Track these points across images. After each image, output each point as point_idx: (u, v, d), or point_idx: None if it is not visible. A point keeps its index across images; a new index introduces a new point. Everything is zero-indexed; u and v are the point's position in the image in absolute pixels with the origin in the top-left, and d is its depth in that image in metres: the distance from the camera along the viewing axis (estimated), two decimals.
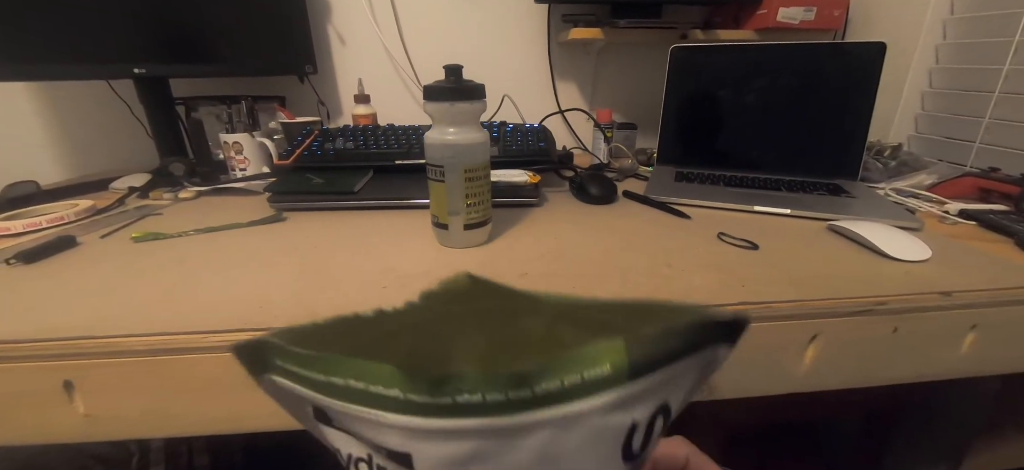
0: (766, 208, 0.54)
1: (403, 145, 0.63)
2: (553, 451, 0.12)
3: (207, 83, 0.82)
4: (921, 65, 0.92)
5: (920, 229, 0.48)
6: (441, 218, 0.42)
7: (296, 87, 0.88)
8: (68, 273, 0.40)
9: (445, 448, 0.12)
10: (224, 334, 0.31)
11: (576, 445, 0.12)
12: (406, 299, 0.17)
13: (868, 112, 0.64)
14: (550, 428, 0.12)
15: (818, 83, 0.67)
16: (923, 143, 0.90)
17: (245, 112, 0.71)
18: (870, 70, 0.63)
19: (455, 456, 0.12)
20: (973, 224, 0.52)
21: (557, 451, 0.12)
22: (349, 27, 0.88)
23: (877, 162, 0.71)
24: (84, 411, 0.31)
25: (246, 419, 0.32)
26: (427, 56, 0.90)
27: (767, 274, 0.38)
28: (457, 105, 0.38)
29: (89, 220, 0.54)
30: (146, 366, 0.30)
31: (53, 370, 0.30)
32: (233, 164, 0.71)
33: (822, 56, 0.66)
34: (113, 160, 0.87)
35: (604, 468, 0.13)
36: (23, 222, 0.50)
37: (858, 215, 0.50)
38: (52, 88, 0.84)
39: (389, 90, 0.92)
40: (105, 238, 0.48)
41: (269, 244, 0.46)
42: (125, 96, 0.81)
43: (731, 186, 0.63)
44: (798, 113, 0.69)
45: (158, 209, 0.58)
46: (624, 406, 0.13)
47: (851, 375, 0.36)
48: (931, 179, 0.64)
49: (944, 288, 0.35)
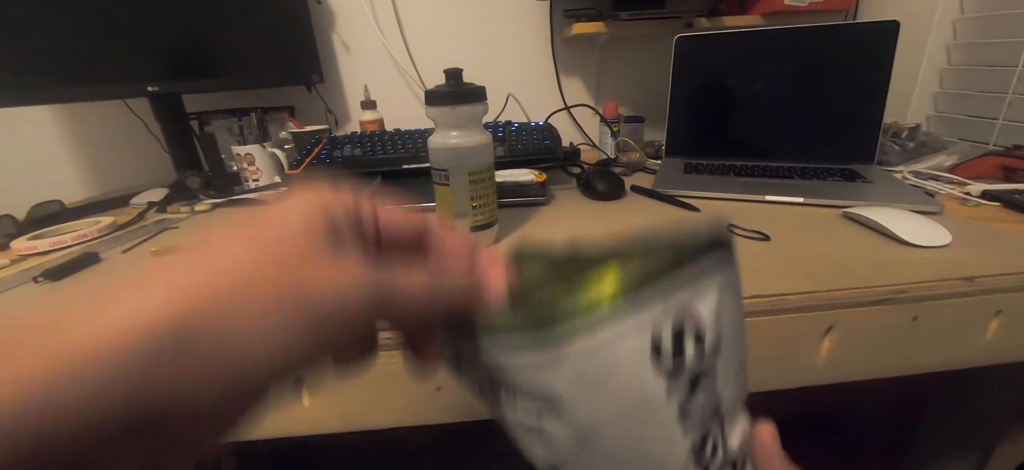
0: (778, 197, 0.53)
1: (409, 150, 0.64)
2: (587, 368, 0.16)
3: (218, 97, 0.84)
4: (938, 41, 0.88)
5: (940, 213, 0.47)
6: (447, 221, 0.42)
7: (304, 96, 0.89)
8: (93, 288, 0.41)
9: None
10: None
11: (605, 360, 0.15)
12: None
13: (883, 93, 0.62)
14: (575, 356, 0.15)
15: (829, 66, 0.65)
16: (942, 122, 0.87)
17: (255, 124, 0.73)
18: (883, 50, 0.61)
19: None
20: (997, 205, 0.50)
21: (591, 367, 0.15)
22: (353, 35, 0.89)
23: (894, 144, 0.69)
24: None
25: (265, 425, 0.33)
26: (431, 60, 0.91)
27: (780, 265, 0.37)
28: (458, 108, 0.38)
29: (111, 236, 0.56)
30: None
31: None
32: (246, 175, 0.72)
33: (832, 38, 0.64)
34: (133, 176, 0.90)
35: (641, 378, 0.15)
36: (49, 240, 0.52)
37: (874, 201, 0.49)
38: (74, 110, 0.87)
39: (395, 95, 0.92)
40: (126, 253, 0.49)
41: None
42: (141, 114, 0.84)
43: (742, 176, 0.62)
44: (809, 98, 0.67)
45: (175, 223, 0.60)
46: (633, 324, 0.15)
47: (870, 366, 0.35)
48: (951, 160, 0.62)
49: (966, 273, 0.34)
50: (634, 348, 0.15)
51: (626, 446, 0.17)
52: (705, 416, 0.17)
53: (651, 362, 0.15)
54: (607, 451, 0.17)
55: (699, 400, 0.16)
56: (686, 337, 0.16)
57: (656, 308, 0.15)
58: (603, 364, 0.15)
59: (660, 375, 0.16)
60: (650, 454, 0.17)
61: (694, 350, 0.16)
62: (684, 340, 0.16)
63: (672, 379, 0.16)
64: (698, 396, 0.16)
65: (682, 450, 0.17)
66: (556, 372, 0.16)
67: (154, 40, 0.70)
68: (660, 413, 0.16)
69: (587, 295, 0.15)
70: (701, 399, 0.16)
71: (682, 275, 0.15)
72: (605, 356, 0.15)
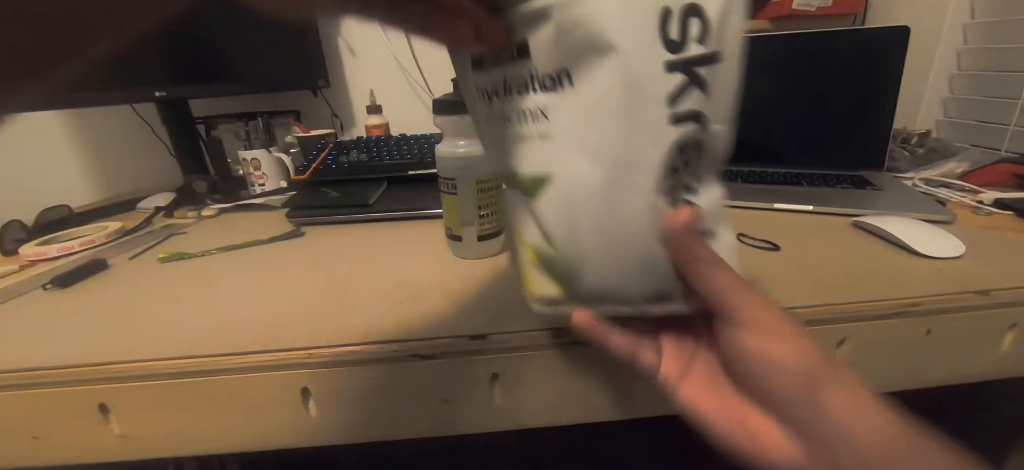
0: (787, 205, 0.52)
1: (415, 155, 0.64)
2: (611, 15, 0.18)
3: (225, 101, 0.85)
4: (948, 46, 0.87)
5: (952, 222, 0.46)
6: (455, 230, 0.42)
7: (310, 101, 0.90)
8: (101, 296, 0.41)
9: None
10: (246, 356, 0.31)
11: (624, 11, 0.18)
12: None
13: (893, 99, 0.62)
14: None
15: (838, 71, 0.64)
16: (953, 128, 0.86)
17: (261, 128, 0.73)
18: (893, 55, 0.61)
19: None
20: (1010, 214, 0.49)
21: (614, 15, 0.18)
22: (359, 39, 0.89)
23: (904, 151, 0.68)
24: (119, 432, 0.32)
25: (270, 437, 0.33)
26: (437, 64, 0.91)
27: (790, 276, 0.37)
28: (466, 118, 0.38)
29: (118, 241, 0.56)
30: (175, 388, 0.31)
31: (90, 394, 0.31)
32: (252, 180, 0.72)
33: (842, 44, 0.64)
34: (141, 180, 0.91)
35: (648, 47, 0.18)
36: (57, 247, 0.52)
37: (885, 209, 0.48)
38: (82, 115, 0.88)
39: (400, 100, 0.93)
40: (134, 259, 0.50)
41: (288, 260, 0.47)
42: (148, 118, 0.84)
43: (749, 183, 0.61)
44: (818, 103, 0.66)
45: (182, 228, 0.60)
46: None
47: (882, 379, 0.35)
48: (963, 167, 0.61)
49: (981, 286, 0.34)
50: (649, 3, 0.17)
51: (615, 128, 0.19)
52: (687, 137, 0.19)
53: (658, 29, 0.17)
54: (603, 118, 0.19)
55: (688, 103, 0.18)
56: (690, 22, 0.17)
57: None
58: (621, 13, 0.18)
59: (661, 47, 0.18)
60: (634, 146, 0.19)
61: (697, 33, 0.18)
62: (688, 25, 0.17)
63: (671, 56, 0.18)
64: (688, 98, 0.18)
65: (659, 152, 0.19)
66: (580, 13, 0.18)
67: (161, 45, 0.70)
68: (655, 86, 0.18)
69: None
70: (689, 103, 0.18)
71: None
72: (622, 5, 0.18)
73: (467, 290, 0.37)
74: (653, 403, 0.33)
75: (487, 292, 0.37)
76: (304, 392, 0.32)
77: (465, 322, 0.33)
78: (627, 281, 0.22)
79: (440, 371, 0.31)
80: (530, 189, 0.23)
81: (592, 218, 0.21)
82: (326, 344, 0.31)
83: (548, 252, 0.23)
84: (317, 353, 0.31)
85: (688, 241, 0.20)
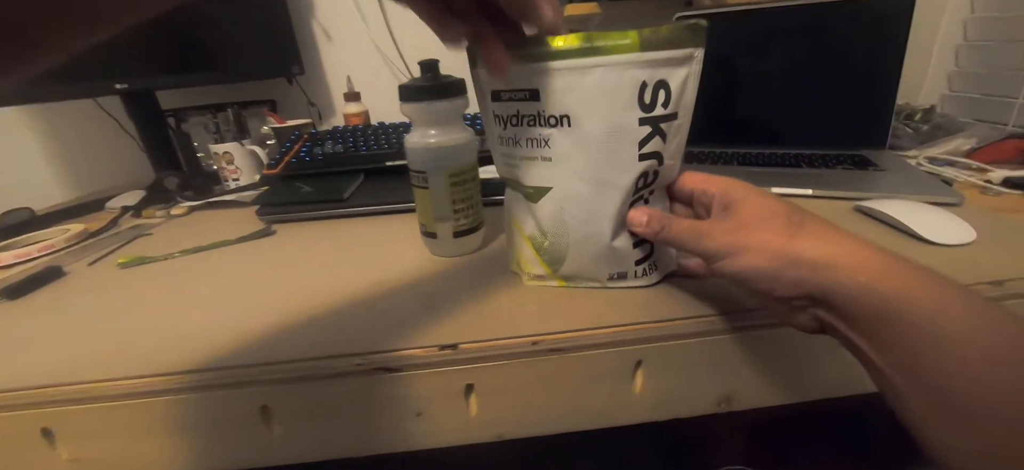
0: (785, 189, 0.49)
1: (393, 145, 0.61)
2: (604, 84, 0.26)
3: (197, 93, 0.80)
4: (954, 15, 0.84)
5: (960, 204, 0.44)
6: (429, 226, 0.39)
7: (286, 90, 0.86)
8: (51, 308, 0.38)
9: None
10: (201, 373, 0.29)
11: (614, 84, 0.26)
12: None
13: (896, 73, 0.58)
14: (601, 70, 0.26)
15: (839, 45, 0.61)
16: (958, 103, 0.83)
17: (232, 120, 0.69)
18: (896, 27, 0.57)
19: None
20: (1020, 193, 0.46)
21: (606, 84, 0.26)
22: (334, 22, 0.85)
23: (907, 127, 0.65)
24: (68, 456, 0.30)
25: (229, 458, 0.31)
26: (417, 47, 0.86)
27: None
28: (435, 104, 0.35)
29: (79, 246, 0.53)
30: (124, 410, 0.29)
31: (31, 418, 0.29)
32: (225, 175, 0.69)
33: (842, 16, 0.60)
34: (112, 176, 0.87)
35: (628, 108, 0.26)
36: (14, 253, 0.49)
37: (888, 192, 0.46)
38: (48, 112, 0.84)
39: (380, 86, 0.88)
40: (93, 265, 0.47)
41: (255, 262, 0.44)
42: (114, 112, 0.80)
43: (746, 165, 0.58)
44: (818, 79, 0.63)
45: (149, 229, 0.57)
46: (637, 66, 0.26)
47: None
48: (969, 143, 0.58)
49: (994, 276, 0.31)
50: (632, 79, 0.26)
51: (601, 159, 0.28)
52: (649, 168, 0.28)
53: (636, 97, 0.26)
54: (592, 152, 0.28)
55: (651, 146, 0.27)
56: (659, 92, 0.26)
57: (648, 67, 0.26)
58: (611, 85, 0.26)
59: (638, 109, 0.26)
60: (613, 173, 0.28)
61: (662, 100, 0.27)
62: (657, 94, 0.26)
63: (644, 114, 0.27)
64: (651, 143, 0.27)
65: (629, 178, 0.28)
66: (582, 79, 0.26)
67: (120, 35, 0.66)
68: (630, 135, 0.27)
69: (617, 39, 0.25)
70: (652, 146, 0.27)
71: (669, 53, 0.26)
72: (613, 79, 0.26)
73: (441, 293, 0.34)
74: (632, 412, 0.31)
75: (463, 294, 0.34)
76: (263, 410, 0.29)
77: (437, 330, 0.30)
78: (598, 263, 0.31)
79: (409, 384, 0.29)
80: (533, 196, 0.31)
81: (578, 220, 0.30)
82: (286, 360, 0.29)
83: (542, 241, 0.32)
84: (277, 368, 0.29)
85: (654, 229, 0.28)
